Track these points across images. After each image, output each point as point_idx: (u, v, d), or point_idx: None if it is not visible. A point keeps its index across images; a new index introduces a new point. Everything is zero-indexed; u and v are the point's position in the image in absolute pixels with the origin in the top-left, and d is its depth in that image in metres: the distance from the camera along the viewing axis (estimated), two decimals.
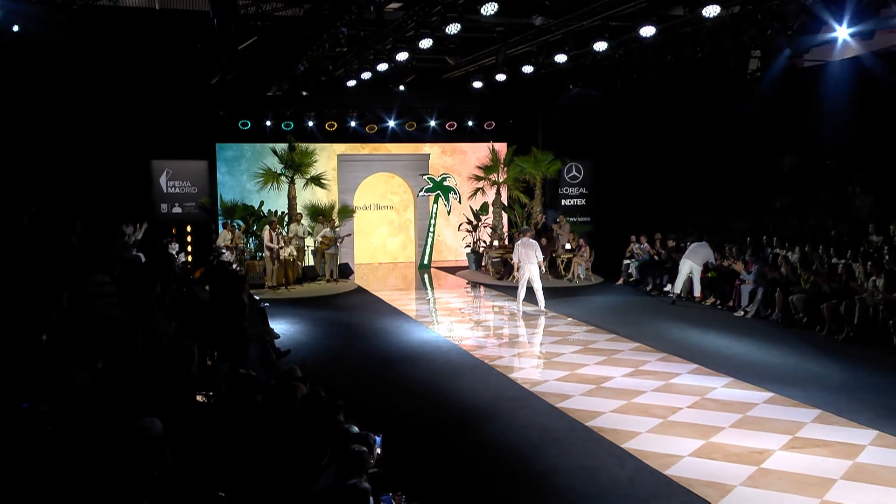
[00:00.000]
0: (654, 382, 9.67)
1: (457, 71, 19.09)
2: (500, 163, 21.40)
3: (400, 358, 11.18)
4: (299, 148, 20.22)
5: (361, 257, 23.18)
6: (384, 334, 12.90)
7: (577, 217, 21.88)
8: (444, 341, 12.36)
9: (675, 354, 11.07)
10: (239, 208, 19.91)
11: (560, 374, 10.18)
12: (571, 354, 11.27)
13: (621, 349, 11.53)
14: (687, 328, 13.16)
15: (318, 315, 14.93)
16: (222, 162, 21.48)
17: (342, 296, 17.41)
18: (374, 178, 23.03)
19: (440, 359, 11.15)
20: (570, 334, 12.72)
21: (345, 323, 14.07)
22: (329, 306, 15.98)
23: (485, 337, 13.07)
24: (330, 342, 12.45)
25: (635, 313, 14.70)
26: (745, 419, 8.25)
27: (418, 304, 16.62)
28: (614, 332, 12.64)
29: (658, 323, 13.67)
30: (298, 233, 19.49)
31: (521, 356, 11.53)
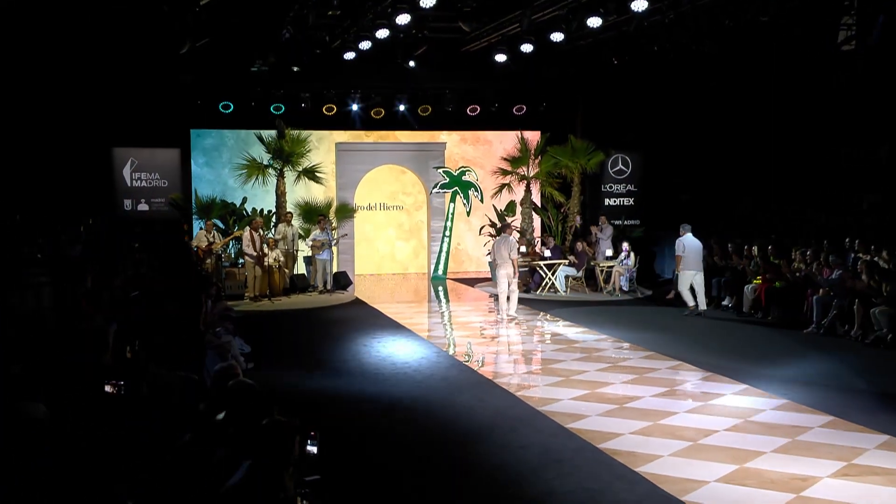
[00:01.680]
0: (690, 403, 9.64)
1: (477, 43, 19.26)
2: (531, 154, 21.49)
3: (391, 375, 11.28)
4: (290, 134, 20.50)
5: (364, 266, 23.38)
6: (377, 349, 13.01)
7: (623, 220, 21.87)
8: (445, 357, 12.46)
9: (722, 374, 11.03)
10: (217, 206, 20.26)
11: (577, 392, 10.19)
12: (596, 373, 11.28)
13: (657, 367, 11.52)
14: (741, 346, 13.09)
15: (301, 328, 15.10)
16: (198, 151, 21.86)
17: (335, 308, 17.57)
18: (380, 171, 23.26)
19: (438, 375, 11.23)
20: (597, 351, 12.73)
21: (333, 336, 14.21)
22: (317, 320, 16.15)
23: (495, 353, 13.14)
24: (309, 357, 12.58)
25: (682, 329, 14.71)
26: (793, 444, 8.18)
27: (424, 318, 16.70)
28: (652, 350, 12.63)
29: (707, 340, 13.64)
30: (287, 235, 19.74)
31: (533, 374, 11.58)
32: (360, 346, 13.33)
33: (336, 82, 21.60)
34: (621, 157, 22.13)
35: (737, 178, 20.81)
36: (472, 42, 19.26)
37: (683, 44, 17.69)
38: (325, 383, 10.99)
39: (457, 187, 22.37)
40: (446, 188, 22.42)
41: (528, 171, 21.54)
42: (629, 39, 18.01)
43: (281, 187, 20.50)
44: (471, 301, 18.94)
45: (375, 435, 8.70)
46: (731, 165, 21.00)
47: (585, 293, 19.14)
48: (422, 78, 21.61)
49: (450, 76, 22.07)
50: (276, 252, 19.05)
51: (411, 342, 13.63)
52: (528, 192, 21.56)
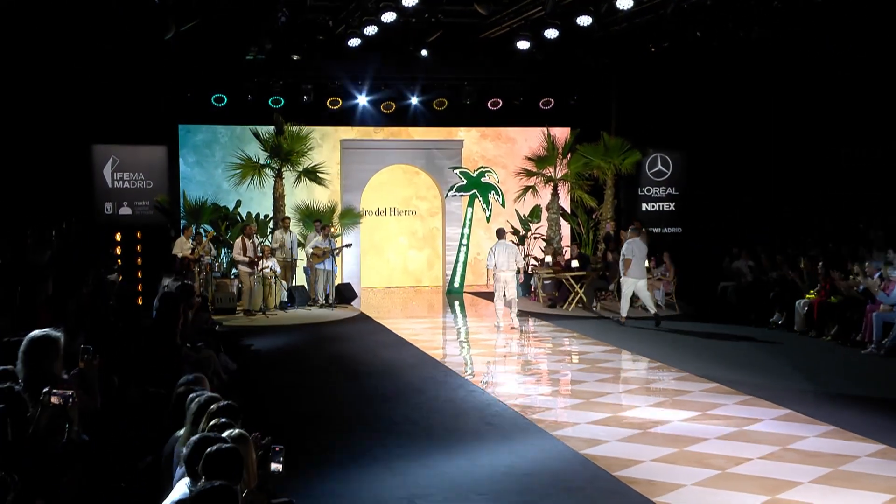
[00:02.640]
0: (723, 429, 9.61)
1: (497, 28, 19.34)
2: (559, 152, 21.50)
3: (391, 396, 11.35)
4: (289, 130, 20.64)
5: (372, 278, 23.47)
6: (378, 368, 13.08)
7: (662, 227, 21.82)
8: (453, 377, 12.51)
9: (763, 397, 11.00)
10: (207, 209, 20.43)
11: (597, 416, 10.18)
12: (620, 394, 11.28)
13: (690, 389, 11.49)
14: (787, 367, 13.03)
15: (296, 345, 15.18)
16: (188, 148, 22.06)
17: (337, 324, 17.65)
18: (390, 172, 23.37)
19: (443, 396, 11.29)
20: (625, 371, 12.75)
21: (330, 354, 14.29)
22: (315, 336, 16.24)
23: (510, 373, 13.15)
24: (300, 375, 12.66)
25: (722, 349, 14.69)
26: (836, 473, 8.13)
27: (435, 335, 16.74)
28: (686, 371, 12.59)
29: (750, 360, 13.60)
30: (285, 243, 19.85)
31: (550, 395, 11.60)
32: (359, 365, 13.38)
33: (341, 73, 21.71)
34: (660, 156, 22.09)
35: (790, 180, 20.72)
36: (491, 27, 19.32)
37: (729, 29, 17.67)
38: (315, 403, 11.05)
39: (475, 190, 22.43)
40: (464, 191, 22.48)
41: (555, 172, 21.55)
42: (668, 24, 18.00)
43: (279, 189, 20.62)
44: (490, 317, 18.95)
45: (365, 460, 8.72)
46: (784, 166, 20.92)
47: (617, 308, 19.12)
48: (437, 68, 21.70)
49: (468, 66, 22.12)
50: (272, 261, 19.17)
51: (417, 361, 13.67)
52: (555, 196, 21.57)
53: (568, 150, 21.50)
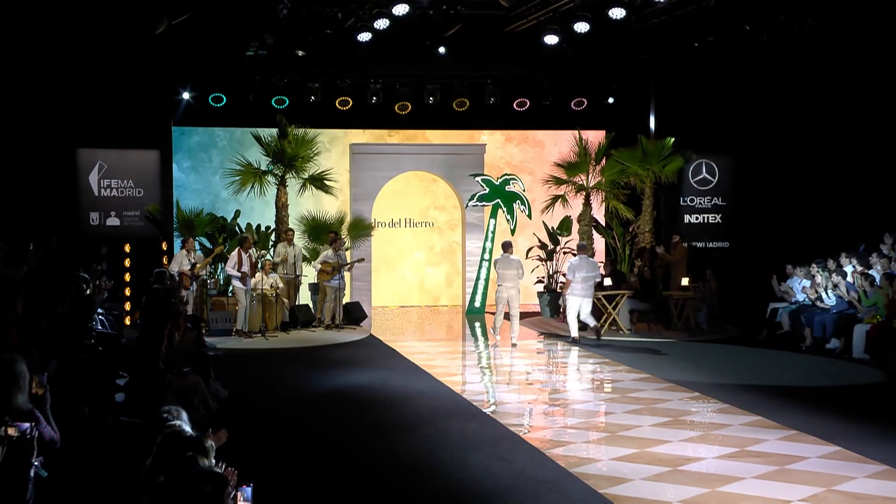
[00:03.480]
0: (763, 467, 9.55)
1: (523, 21, 19.42)
2: (591, 158, 21.53)
3: (394, 427, 11.35)
4: (293, 133, 20.80)
5: (384, 297, 23.56)
6: (383, 396, 13.10)
7: (706, 241, 21.77)
8: (466, 406, 12.51)
9: (810, 433, 10.91)
10: (203, 220, 20.57)
11: (623, 451, 10.16)
12: (650, 428, 11.24)
13: (728, 423, 11.44)
14: (842, 400, 12.97)
15: (296, 371, 15.23)
16: (183, 153, 22.26)
17: (343, 347, 17.71)
18: (405, 179, 23.48)
19: (453, 428, 11.27)
20: (657, 402, 12.69)
21: (332, 380, 14.33)
22: (318, 361, 16.29)
23: (531, 402, 13.14)
24: (297, 403, 12.71)
25: (770, 377, 14.65)
26: None
27: (450, 360, 16.76)
28: (727, 402, 12.55)
29: (800, 391, 13.50)
30: (288, 257, 19.95)
31: (572, 428, 11.56)
32: (363, 393, 13.41)
33: (352, 70, 21.87)
34: (705, 162, 22.08)
35: (856, 189, 20.53)
36: (516, 21, 19.42)
37: (780, 21, 17.66)
38: (312, 432, 11.08)
39: (499, 199, 22.51)
40: (486, 200, 22.54)
41: (587, 179, 21.58)
42: (712, 16, 18.03)
43: (282, 198, 20.79)
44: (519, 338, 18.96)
45: (366, 499, 8.75)
46: (851, 173, 20.72)
47: (661, 331, 19.11)
48: (457, 65, 21.83)
49: (491, 62, 22.24)
50: (274, 278, 19.27)
51: (428, 389, 13.69)
52: (587, 207, 21.58)
53: (602, 156, 21.54)
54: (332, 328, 19.73)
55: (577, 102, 23.03)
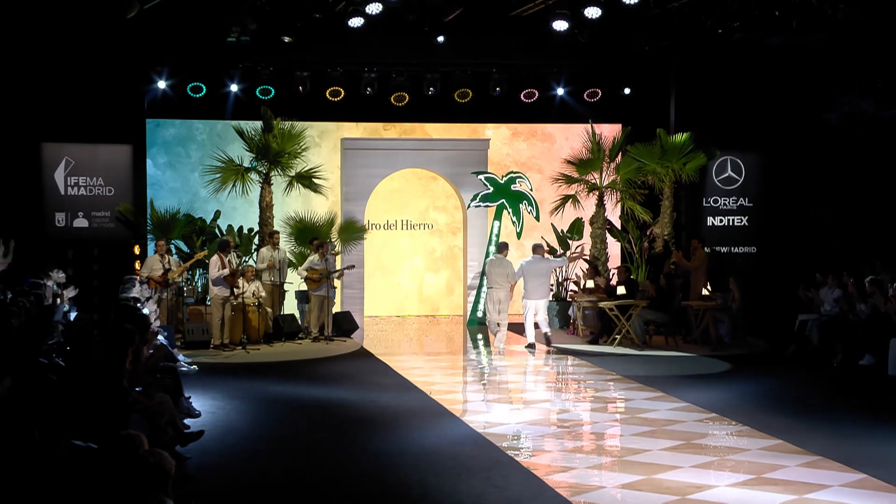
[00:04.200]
0: (780, 496, 9.52)
1: (529, 5, 19.44)
2: (605, 154, 21.53)
3: (381, 451, 11.36)
4: (279, 127, 20.82)
5: (378, 306, 23.59)
6: (371, 417, 13.11)
7: (731, 246, 21.76)
8: (461, 427, 12.50)
9: (835, 459, 10.88)
10: (179, 222, 20.60)
11: (627, 478, 10.14)
12: (660, 452, 11.21)
13: (746, 448, 11.42)
14: (872, 422, 12.89)
15: (278, 388, 15.23)
16: (158, 148, 22.31)
17: (330, 362, 17.71)
18: (402, 177, 23.50)
19: (444, 452, 11.27)
20: (671, 423, 12.66)
21: (316, 398, 14.33)
22: (302, 375, 16.29)
23: (533, 423, 13.13)
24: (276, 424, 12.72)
25: (796, 397, 14.59)
26: None
27: (447, 377, 16.76)
28: (746, 424, 12.52)
29: (828, 412, 13.46)
30: (274, 263, 19.93)
31: (574, 451, 11.55)
32: (350, 412, 13.42)
33: (344, 58, 21.90)
34: (731, 160, 22.07)
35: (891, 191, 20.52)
36: (522, 4, 19.45)
37: (811, 6, 17.64)
38: (292, 456, 11.08)
39: (504, 200, 22.49)
40: (490, 201, 22.52)
41: (601, 178, 21.59)
42: (738, 1, 18.02)
43: (266, 198, 20.80)
44: (519, 354, 18.99)
45: None
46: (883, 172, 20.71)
47: (673, 344, 19.12)
48: (459, 52, 21.85)
49: (497, 50, 22.27)
50: (256, 285, 19.30)
51: (420, 408, 13.68)
52: (600, 208, 21.61)
53: (617, 152, 21.55)
54: (320, 340, 19.74)
55: (590, 93, 23.05)
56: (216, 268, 18.52)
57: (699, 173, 21.30)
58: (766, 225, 21.97)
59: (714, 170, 21.95)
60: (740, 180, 22.09)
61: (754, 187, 22.09)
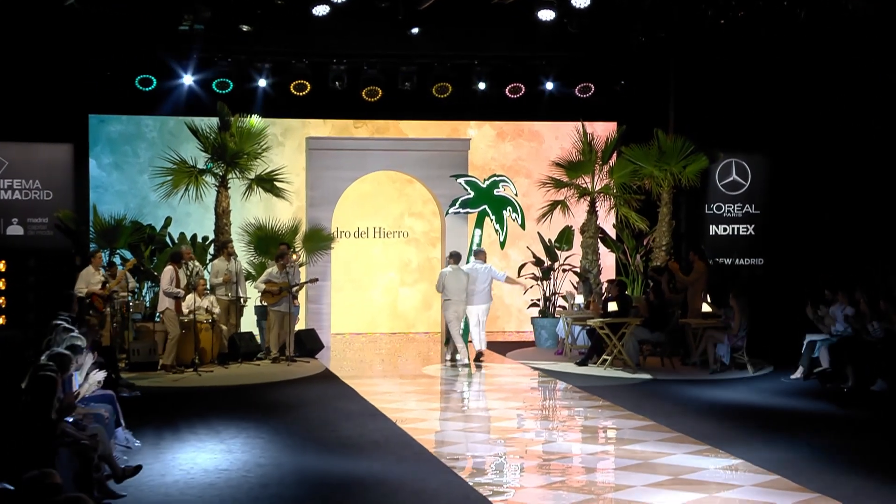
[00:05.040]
0: None
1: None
2: (598, 156, 21.60)
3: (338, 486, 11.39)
4: (237, 124, 20.85)
5: (347, 322, 23.64)
6: (329, 449, 13.13)
7: (735, 258, 21.82)
8: (430, 462, 12.51)
9: (835, 497, 10.95)
10: (125, 229, 20.59)
11: None
12: (644, 489, 11.27)
13: (738, 483, 11.46)
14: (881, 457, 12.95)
15: (230, 415, 15.20)
16: (102, 146, 22.34)
17: (291, 385, 17.69)
18: (374, 180, 23.54)
19: (408, 488, 11.30)
20: (659, 456, 12.71)
21: (270, 428, 14.31)
22: (258, 401, 16.26)
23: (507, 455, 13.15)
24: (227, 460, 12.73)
25: (800, 426, 14.57)
26: None
27: (418, 402, 16.77)
28: (740, 457, 12.58)
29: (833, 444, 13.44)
30: (230, 275, 19.91)
31: (548, 487, 11.57)
32: (307, 443, 13.44)
33: (310, 48, 21.91)
34: (736, 162, 22.15)
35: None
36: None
37: None
38: (241, 495, 11.09)
39: (486, 206, 22.54)
40: (470, 207, 22.55)
41: (593, 182, 21.66)
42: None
43: (222, 203, 20.80)
44: (503, 376, 19.04)
45: None
46: None
47: (670, 366, 19.21)
48: (438, 42, 21.88)
49: (480, 40, 22.30)
50: (209, 300, 19.31)
51: (384, 438, 13.68)
52: (592, 215, 21.68)
53: (610, 153, 21.65)
54: (281, 361, 19.73)
55: (582, 88, 23.12)
56: (168, 281, 18.48)
57: (700, 177, 21.33)
58: (775, 234, 22.03)
59: (717, 174, 22.03)
60: (746, 185, 22.17)
61: (761, 193, 22.16)
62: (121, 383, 15.71)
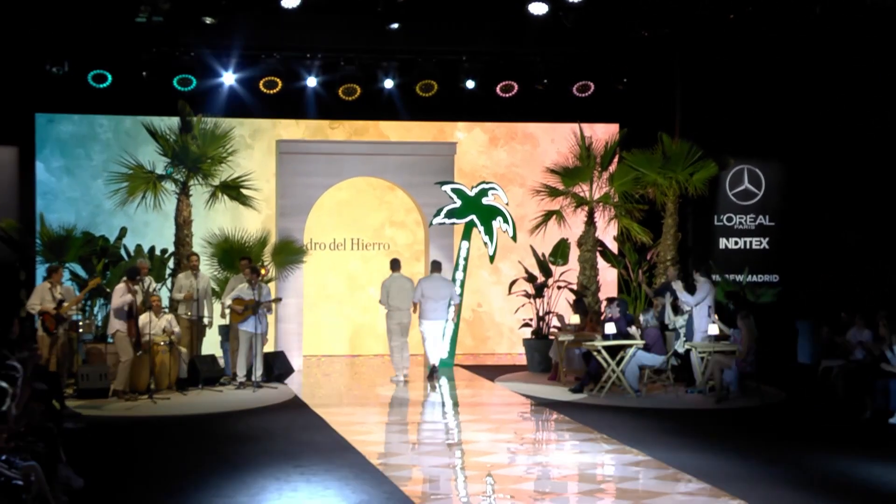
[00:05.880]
0: None
1: None
2: (597, 161, 21.63)
3: None
4: (200, 125, 20.87)
5: (321, 344, 23.66)
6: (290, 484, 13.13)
7: (748, 274, 21.79)
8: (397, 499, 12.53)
9: None
10: (75, 241, 20.54)
11: None
12: None
13: None
14: None
15: (185, 449, 15.16)
16: (52, 149, 22.35)
17: (255, 415, 17.63)
18: (352, 187, 23.55)
19: None
20: (652, 496, 12.71)
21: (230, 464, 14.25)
22: (219, 433, 16.17)
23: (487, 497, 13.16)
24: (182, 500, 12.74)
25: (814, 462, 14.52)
26: None
27: (392, 434, 16.77)
28: (743, 498, 12.56)
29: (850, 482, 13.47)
30: (192, 291, 19.88)
31: None
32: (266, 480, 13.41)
33: (280, 42, 21.94)
34: (748, 169, 22.19)
35: None
36: None
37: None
38: None
39: (474, 216, 22.45)
40: (457, 217, 22.49)
41: (591, 190, 21.67)
42: None
43: (184, 212, 20.79)
44: (490, 405, 19.04)
45: None
46: None
47: (673, 394, 19.25)
48: (422, 36, 21.90)
49: (468, 33, 22.33)
50: (167, 319, 19.28)
51: (352, 475, 13.64)
52: (590, 227, 21.68)
53: (610, 159, 21.66)
54: (247, 387, 19.67)
55: (580, 87, 23.16)
56: (121, 298, 18.31)
57: (709, 186, 21.39)
58: (791, 249, 22.04)
59: (728, 182, 22.08)
60: (759, 194, 22.21)
61: (776, 203, 22.19)
62: (65, 413, 15.68)
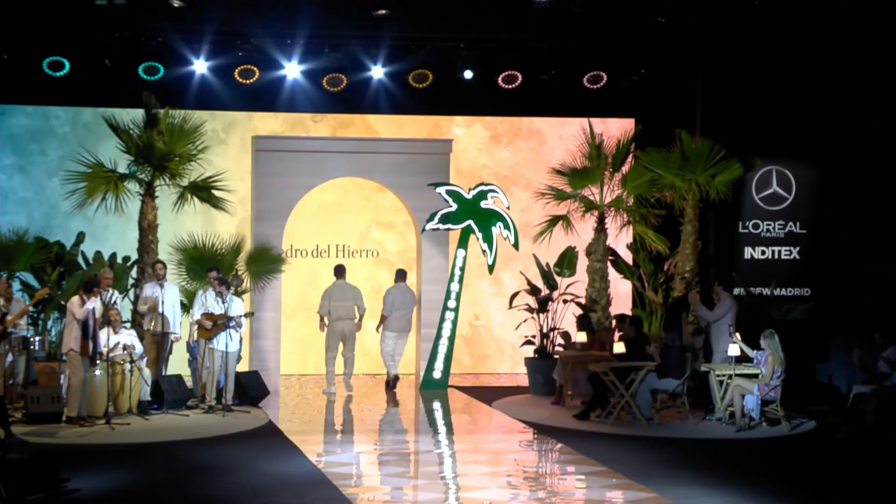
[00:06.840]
0: None
1: None
2: (608, 161, 21.62)
3: None
4: (167, 120, 20.88)
5: (301, 363, 23.73)
6: None
7: (775, 288, 21.74)
8: None
9: None
10: (27, 247, 20.52)
11: None
12: None
13: None
14: None
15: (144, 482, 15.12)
16: (3, 143, 22.32)
17: (224, 442, 17.54)
18: (337, 189, 23.56)
19: None
20: None
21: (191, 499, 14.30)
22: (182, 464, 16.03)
23: None
24: None
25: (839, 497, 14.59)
26: None
27: (374, 466, 16.73)
28: None
29: None
30: (156, 303, 19.85)
31: None
32: None
33: (256, 26, 21.93)
34: (776, 171, 22.17)
35: None
36: None
37: None
38: None
39: (471, 221, 22.41)
40: (452, 222, 22.46)
41: (601, 193, 21.67)
42: None
43: (148, 215, 20.77)
44: (485, 432, 19.03)
45: None
46: None
47: (689, 420, 19.23)
48: (415, 20, 21.89)
49: (466, 18, 22.30)
50: (128, 336, 19.26)
51: None
52: (600, 234, 21.66)
53: (623, 158, 21.64)
54: (216, 411, 19.63)
55: (592, 78, 23.14)
56: (77, 310, 18.26)
57: (733, 189, 21.35)
58: (824, 259, 21.98)
59: (754, 184, 22.05)
60: (789, 199, 22.19)
61: (808, 208, 22.15)
62: (9, 442, 15.68)
